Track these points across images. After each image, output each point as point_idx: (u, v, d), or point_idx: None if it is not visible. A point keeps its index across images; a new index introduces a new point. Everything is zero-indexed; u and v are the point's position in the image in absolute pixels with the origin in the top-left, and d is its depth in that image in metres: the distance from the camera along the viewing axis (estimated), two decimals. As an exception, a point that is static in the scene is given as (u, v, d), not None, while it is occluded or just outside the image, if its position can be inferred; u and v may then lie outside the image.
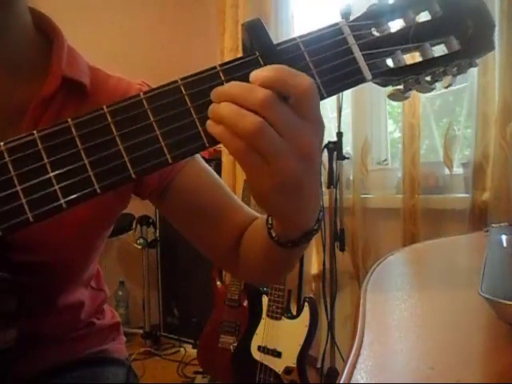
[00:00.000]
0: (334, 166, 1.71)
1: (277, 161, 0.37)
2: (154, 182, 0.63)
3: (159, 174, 0.62)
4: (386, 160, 1.91)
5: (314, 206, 0.46)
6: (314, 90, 0.38)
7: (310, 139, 0.38)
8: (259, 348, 1.69)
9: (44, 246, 0.57)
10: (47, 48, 0.59)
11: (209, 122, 0.39)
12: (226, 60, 0.41)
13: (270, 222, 0.50)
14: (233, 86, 0.39)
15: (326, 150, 1.72)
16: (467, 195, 1.49)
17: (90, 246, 0.64)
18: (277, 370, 1.63)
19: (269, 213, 0.45)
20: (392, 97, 0.47)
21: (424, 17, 0.45)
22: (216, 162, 2.35)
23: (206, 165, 0.67)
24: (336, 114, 1.73)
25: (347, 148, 1.86)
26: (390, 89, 0.47)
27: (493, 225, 0.86)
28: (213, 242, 0.65)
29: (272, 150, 0.37)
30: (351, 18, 0.45)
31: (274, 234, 0.49)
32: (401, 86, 0.46)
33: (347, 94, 1.80)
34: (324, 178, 1.76)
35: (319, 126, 0.39)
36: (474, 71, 1.41)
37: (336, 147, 1.70)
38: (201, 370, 2.06)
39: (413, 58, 0.45)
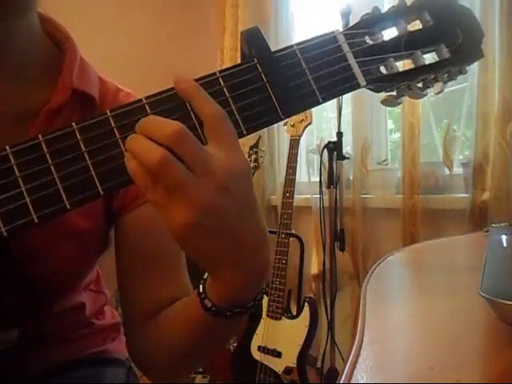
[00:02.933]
0: (334, 166, 1.71)
1: (184, 195, 0.36)
2: (117, 204, 0.60)
3: (124, 194, 0.59)
4: (385, 160, 1.91)
5: (250, 264, 0.41)
6: (219, 118, 0.38)
7: (220, 169, 0.37)
8: (259, 348, 1.69)
9: (44, 259, 0.57)
10: (58, 56, 0.59)
11: (126, 154, 0.38)
12: (226, 59, 0.42)
13: (205, 277, 0.46)
14: (146, 121, 0.38)
15: (326, 149, 1.73)
16: (467, 195, 1.49)
17: (89, 259, 0.64)
18: (277, 370, 1.63)
19: (189, 256, 0.42)
20: (385, 102, 0.49)
21: (416, 26, 0.47)
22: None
23: None
24: (336, 113, 1.73)
25: (347, 148, 1.86)
26: (383, 94, 0.48)
27: (493, 225, 0.86)
28: (137, 295, 0.59)
29: (177, 185, 0.36)
30: (350, 19, 0.47)
31: (201, 290, 0.45)
32: (394, 92, 0.48)
33: (347, 94, 1.80)
34: (324, 178, 1.76)
35: (232, 156, 0.38)
36: (474, 71, 1.41)
37: (336, 147, 1.70)
38: (201, 369, 2.06)
39: (405, 65, 0.46)
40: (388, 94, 0.48)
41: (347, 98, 1.81)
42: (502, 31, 1.34)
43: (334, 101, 1.73)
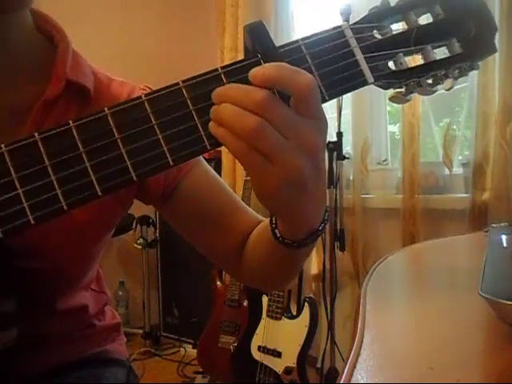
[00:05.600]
0: (334, 166, 1.71)
1: (280, 159, 0.38)
2: (159, 187, 0.62)
3: (164, 178, 0.62)
4: (386, 160, 1.91)
5: (318, 205, 0.45)
6: (313, 87, 0.38)
7: (312, 137, 0.38)
8: (259, 348, 1.69)
9: (43, 252, 0.57)
10: (51, 50, 0.59)
11: (211, 123, 0.39)
12: (226, 59, 0.42)
13: (273, 221, 0.49)
14: (231, 89, 0.39)
15: (326, 149, 1.72)
16: (467, 195, 1.49)
17: (89, 252, 0.64)
18: (277, 370, 1.63)
19: (273, 212, 0.46)
20: (394, 100, 0.47)
21: (426, 19, 0.45)
22: (216, 162, 2.35)
23: (211, 169, 0.66)
24: (336, 113, 1.73)
25: (347, 148, 1.86)
26: (391, 91, 0.47)
27: (493, 225, 0.86)
28: (217, 246, 0.65)
29: (274, 150, 0.37)
30: (350, 18, 0.45)
31: (278, 234, 0.49)
32: (402, 89, 0.46)
33: (347, 94, 1.79)
34: (324, 178, 1.76)
35: (321, 123, 0.39)
36: (473, 71, 1.41)
37: (336, 147, 1.70)
38: (201, 369, 2.06)
39: (415, 60, 0.45)
40: (396, 90, 0.46)
41: (347, 97, 1.81)
42: (502, 31, 1.34)
43: (334, 101, 1.73)
